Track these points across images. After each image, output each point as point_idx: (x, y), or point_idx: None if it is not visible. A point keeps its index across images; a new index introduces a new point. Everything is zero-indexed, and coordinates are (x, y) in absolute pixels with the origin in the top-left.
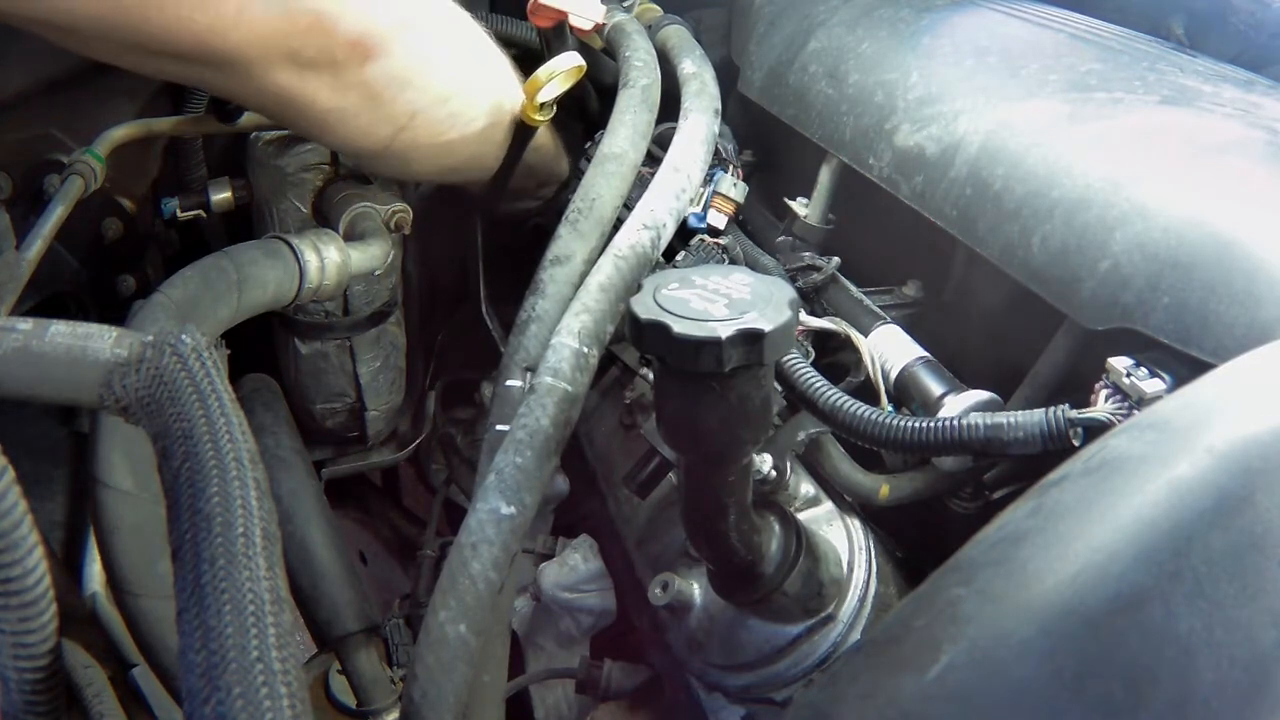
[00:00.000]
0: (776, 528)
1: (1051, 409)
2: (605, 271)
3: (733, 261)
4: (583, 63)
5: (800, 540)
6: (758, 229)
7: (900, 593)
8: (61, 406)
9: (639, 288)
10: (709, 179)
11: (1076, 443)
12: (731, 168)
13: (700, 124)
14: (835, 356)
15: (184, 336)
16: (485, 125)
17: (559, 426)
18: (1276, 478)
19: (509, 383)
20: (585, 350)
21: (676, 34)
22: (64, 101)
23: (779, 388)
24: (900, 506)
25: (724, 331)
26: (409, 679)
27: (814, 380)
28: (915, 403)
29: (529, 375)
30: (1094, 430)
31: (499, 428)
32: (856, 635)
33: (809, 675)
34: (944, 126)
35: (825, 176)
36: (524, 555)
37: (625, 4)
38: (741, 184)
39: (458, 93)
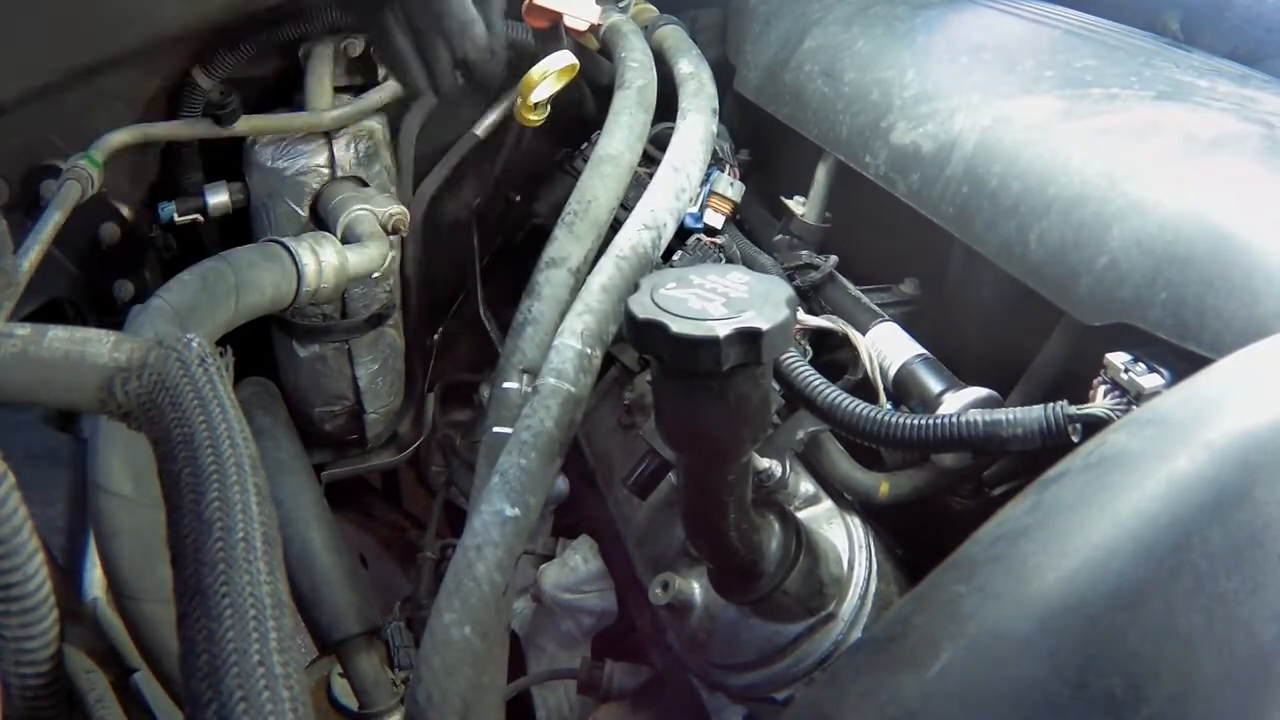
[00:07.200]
0: (776, 526)
1: (1050, 405)
2: (607, 272)
3: (730, 260)
4: (575, 61)
5: (800, 539)
6: (755, 228)
7: (901, 590)
8: (61, 411)
9: (636, 287)
10: (705, 179)
11: (1075, 439)
12: (728, 167)
13: (698, 123)
14: (833, 355)
15: (191, 342)
16: None
17: (563, 428)
18: (1276, 472)
19: (505, 385)
20: (588, 351)
21: (673, 34)
22: (60, 106)
23: (777, 386)
24: (900, 504)
25: (722, 330)
26: (414, 681)
27: (812, 378)
28: (914, 400)
29: (525, 377)
30: (1093, 426)
31: (496, 430)
32: (857, 633)
33: (810, 674)
34: (940, 124)
35: (822, 175)
36: (525, 556)
37: (621, 4)
38: (738, 183)
39: None
